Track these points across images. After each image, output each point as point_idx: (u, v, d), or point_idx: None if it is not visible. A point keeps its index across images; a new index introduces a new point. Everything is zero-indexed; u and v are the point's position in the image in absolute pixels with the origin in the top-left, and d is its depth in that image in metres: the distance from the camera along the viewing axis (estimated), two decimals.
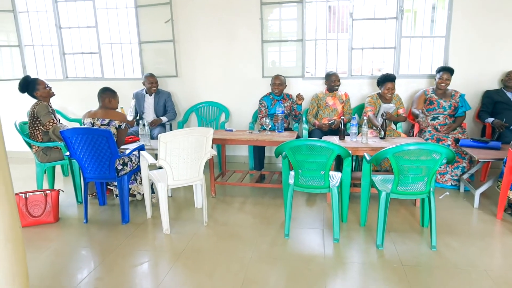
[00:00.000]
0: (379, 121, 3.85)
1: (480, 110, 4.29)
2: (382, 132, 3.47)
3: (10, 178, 1.44)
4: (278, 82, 4.22)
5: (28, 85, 3.53)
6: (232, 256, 2.58)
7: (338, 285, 2.28)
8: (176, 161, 2.83)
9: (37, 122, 3.51)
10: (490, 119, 4.03)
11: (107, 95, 3.23)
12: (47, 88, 3.60)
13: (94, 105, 3.33)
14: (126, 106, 3.67)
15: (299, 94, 4.17)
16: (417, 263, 2.47)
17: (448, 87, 4.08)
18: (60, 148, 3.57)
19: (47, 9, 5.05)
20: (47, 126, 3.47)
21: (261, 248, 2.69)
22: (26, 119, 3.84)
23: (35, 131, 3.52)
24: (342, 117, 3.56)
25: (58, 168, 4.34)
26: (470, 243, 2.71)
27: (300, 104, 4.23)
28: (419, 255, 2.56)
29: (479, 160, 3.27)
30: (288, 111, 4.34)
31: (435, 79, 4.11)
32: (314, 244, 2.75)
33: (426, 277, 2.32)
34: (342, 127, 3.46)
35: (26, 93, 3.55)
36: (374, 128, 3.88)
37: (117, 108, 3.33)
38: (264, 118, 3.84)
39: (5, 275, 1.43)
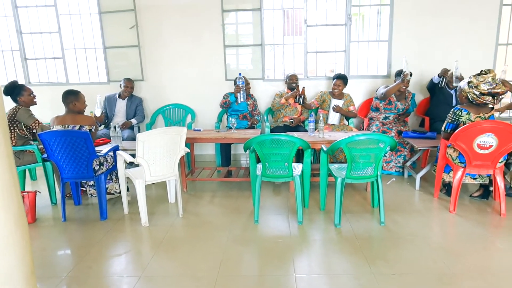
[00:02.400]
0: (330, 112, 4.48)
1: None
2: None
3: (17, 178, 1.66)
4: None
5: (14, 90, 3.64)
6: (209, 241, 2.87)
7: (303, 258, 2.63)
8: (153, 158, 3.07)
9: (14, 126, 3.60)
10: (436, 78, 4.53)
11: (71, 99, 3.32)
12: (32, 96, 3.72)
13: (60, 109, 3.43)
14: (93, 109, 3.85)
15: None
16: (369, 236, 2.89)
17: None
18: (33, 152, 3.67)
19: (7, 14, 5.04)
20: (34, 126, 3.58)
21: (234, 233, 2.99)
22: None
23: (10, 134, 3.60)
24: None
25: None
26: (412, 218, 3.18)
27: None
28: (370, 230, 2.99)
29: (419, 148, 3.79)
30: (251, 109, 4.67)
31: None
32: (281, 227, 3.09)
33: (376, 247, 2.74)
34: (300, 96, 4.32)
35: (8, 97, 3.63)
36: (329, 124, 4.34)
37: (84, 109, 3.43)
38: (230, 118, 4.15)
39: (14, 267, 1.64)
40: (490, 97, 3.08)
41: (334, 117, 4.53)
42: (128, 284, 2.33)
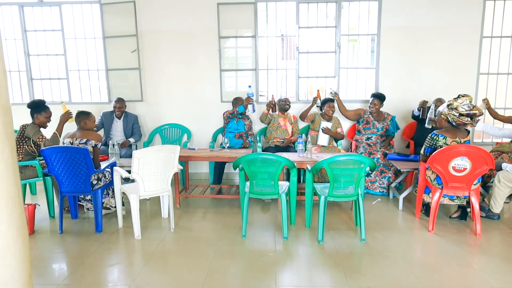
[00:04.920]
0: (319, 133, 4.71)
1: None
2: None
3: (21, 191, 1.85)
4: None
5: (38, 107, 3.86)
6: (197, 255, 3.02)
7: (287, 272, 2.78)
8: (148, 174, 3.26)
9: (23, 142, 3.80)
10: (416, 111, 4.79)
11: (82, 118, 3.62)
12: (47, 119, 3.94)
13: (64, 127, 3.76)
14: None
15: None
16: (350, 252, 3.05)
17: (381, 110, 4.81)
18: (35, 166, 3.86)
19: (16, 37, 5.34)
20: (39, 141, 3.77)
21: (222, 247, 3.15)
22: None
23: (18, 149, 3.80)
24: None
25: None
26: (392, 236, 3.34)
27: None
28: (352, 246, 3.15)
29: (401, 170, 3.98)
30: (247, 129, 4.89)
31: (369, 104, 4.85)
32: (267, 242, 3.25)
33: (355, 262, 2.90)
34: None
35: (29, 110, 3.87)
36: (318, 144, 4.55)
37: (94, 127, 3.72)
38: (223, 138, 4.37)
39: (14, 272, 1.81)
40: (469, 118, 3.30)
41: (323, 139, 4.75)
42: None
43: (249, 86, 4.62)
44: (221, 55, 5.24)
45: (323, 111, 4.87)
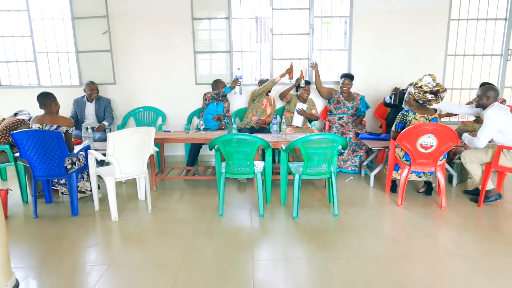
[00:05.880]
0: (294, 114, 4.79)
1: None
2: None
3: None
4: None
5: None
6: (175, 234, 3.07)
7: (263, 247, 2.88)
8: (123, 156, 3.26)
9: (8, 135, 3.70)
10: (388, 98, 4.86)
11: (52, 99, 3.46)
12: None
13: (32, 111, 3.59)
14: (66, 113, 3.97)
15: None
16: (324, 227, 3.18)
17: (350, 90, 4.95)
18: (5, 151, 3.78)
19: None
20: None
21: (199, 227, 3.21)
22: None
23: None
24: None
25: None
26: (363, 211, 3.50)
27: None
28: (325, 222, 3.28)
29: (373, 148, 4.13)
30: (225, 111, 4.90)
31: (340, 85, 4.96)
32: (244, 220, 3.34)
33: (328, 236, 3.03)
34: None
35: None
36: (293, 125, 4.64)
37: (59, 109, 3.56)
38: (199, 120, 4.38)
39: None
40: (433, 95, 3.46)
41: (298, 120, 4.84)
42: (98, 272, 2.50)
43: (238, 69, 4.68)
44: (195, 38, 5.20)
45: (298, 93, 4.93)
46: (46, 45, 5.23)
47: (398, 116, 3.67)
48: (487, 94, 3.49)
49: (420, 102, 3.56)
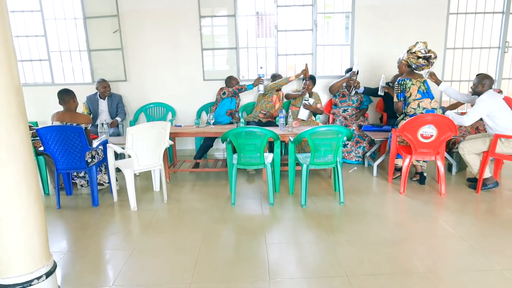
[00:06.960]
0: (300, 109, 4.94)
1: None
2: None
3: (35, 164, 2.06)
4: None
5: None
6: (192, 222, 3.28)
7: (275, 232, 3.08)
8: (141, 149, 3.46)
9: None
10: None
11: (72, 96, 3.67)
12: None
13: (46, 108, 3.73)
14: (79, 109, 4.15)
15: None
16: (330, 214, 3.38)
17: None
18: None
19: None
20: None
21: (214, 215, 3.42)
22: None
23: None
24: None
25: None
26: (367, 199, 3.70)
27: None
28: (332, 209, 3.48)
29: (375, 140, 4.32)
30: (236, 107, 5.09)
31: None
32: (255, 208, 3.55)
33: (336, 222, 3.23)
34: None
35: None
36: (299, 119, 4.84)
37: (77, 107, 3.76)
38: (208, 115, 4.58)
39: (34, 234, 2.03)
40: (425, 60, 3.75)
41: (304, 113, 5.02)
42: (123, 256, 2.71)
43: (261, 67, 4.89)
44: (202, 35, 5.38)
45: (304, 88, 5.09)
46: (59, 44, 5.42)
47: (395, 88, 3.91)
48: (482, 82, 3.71)
49: (413, 66, 3.84)
